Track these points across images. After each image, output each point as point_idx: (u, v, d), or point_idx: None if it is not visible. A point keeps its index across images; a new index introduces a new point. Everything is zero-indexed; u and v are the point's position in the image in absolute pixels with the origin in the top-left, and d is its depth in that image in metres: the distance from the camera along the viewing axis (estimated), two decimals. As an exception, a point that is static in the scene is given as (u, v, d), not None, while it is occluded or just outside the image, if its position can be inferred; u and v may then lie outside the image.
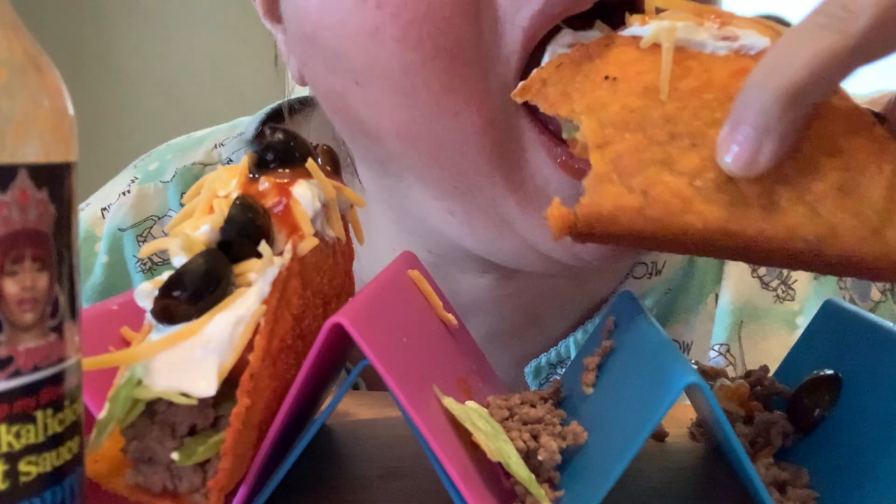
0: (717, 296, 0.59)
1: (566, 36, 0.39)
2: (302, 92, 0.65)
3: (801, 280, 0.60)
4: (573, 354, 0.57)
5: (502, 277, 0.53)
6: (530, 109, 0.42)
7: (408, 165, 0.46)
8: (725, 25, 0.34)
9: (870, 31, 0.28)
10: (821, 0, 0.29)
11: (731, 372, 0.57)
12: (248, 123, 0.66)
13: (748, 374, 0.43)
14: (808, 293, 0.59)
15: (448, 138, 0.42)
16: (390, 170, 0.48)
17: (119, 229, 0.62)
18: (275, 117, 0.65)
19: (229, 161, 0.63)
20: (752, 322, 0.58)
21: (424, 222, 0.49)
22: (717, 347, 0.58)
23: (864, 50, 0.29)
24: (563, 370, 0.56)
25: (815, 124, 0.31)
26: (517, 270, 0.51)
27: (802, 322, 0.58)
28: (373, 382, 0.59)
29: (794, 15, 0.33)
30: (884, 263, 0.30)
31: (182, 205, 0.61)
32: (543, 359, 0.57)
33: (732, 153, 0.30)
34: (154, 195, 0.63)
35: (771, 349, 0.58)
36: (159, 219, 0.62)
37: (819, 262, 0.31)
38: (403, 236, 0.53)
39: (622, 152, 0.32)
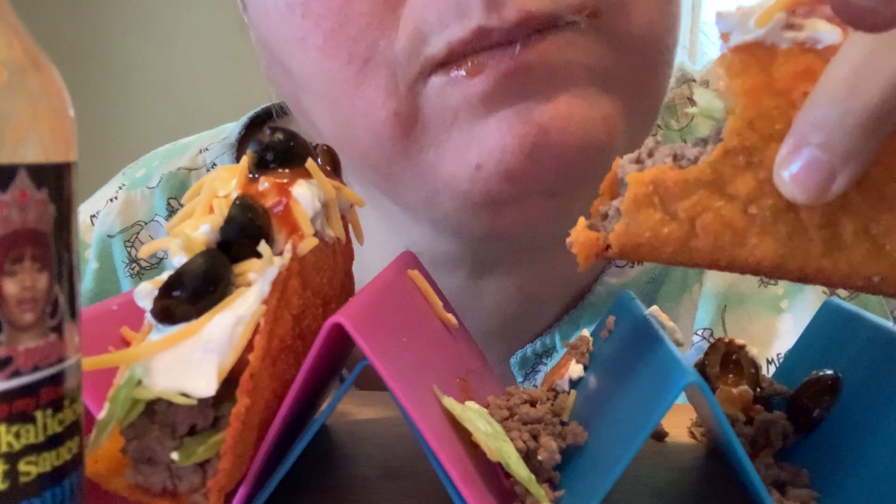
0: (701, 284, 0.59)
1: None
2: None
3: None
4: (558, 345, 0.57)
5: (473, 275, 0.54)
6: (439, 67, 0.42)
7: (350, 168, 0.47)
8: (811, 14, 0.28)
9: None
10: None
11: None
12: (232, 129, 0.67)
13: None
14: None
15: (364, 139, 0.44)
16: (353, 174, 0.51)
17: (108, 236, 0.63)
18: (257, 122, 0.67)
19: (213, 165, 0.64)
20: (735, 306, 0.58)
21: (393, 217, 0.52)
22: (700, 332, 0.58)
23: None
24: (549, 360, 0.57)
25: (888, 142, 0.27)
26: (486, 268, 0.53)
27: (787, 306, 0.58)
28: (365, 383, 0.59)
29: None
30: None
31: (168, 209, 0.64)
32: (529, 349, 0.58)
33: (796, 177, 0.26)
34: (141, 201, 0.64)
35: (755, 333, 0.58)
36: (146, 224, 0.64)
37: (873, 293, 0.29)
38: (389, 235, 0.55)
39: (666, 171, 0.28)
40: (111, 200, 0.65)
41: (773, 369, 0.54)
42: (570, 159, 0.42)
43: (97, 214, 0.64)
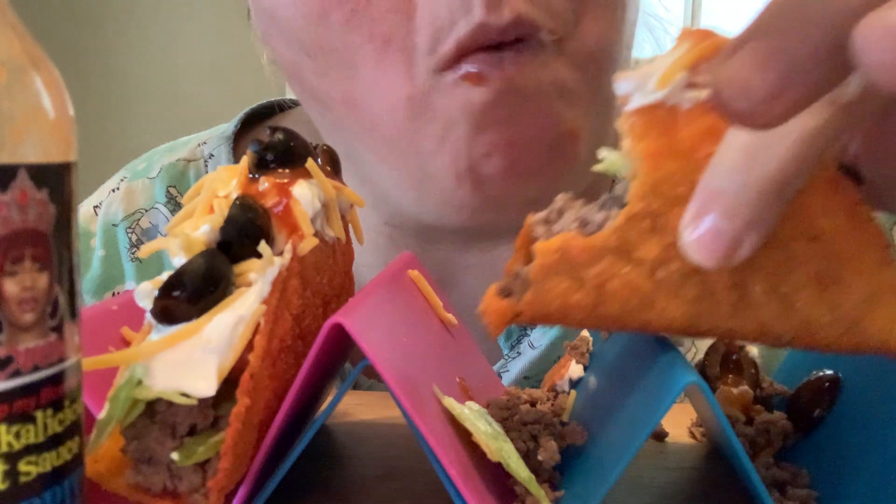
0: None
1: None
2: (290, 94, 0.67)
3: None
4: None
5: (457, 249, 0.57)
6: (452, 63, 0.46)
7: (354, 130, 0.51)
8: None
9: (865, 93, 0.24)
10: None
11: None
12: (229, 124, 0.69)
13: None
14: None
15: (379, 107, 0.49)
16: (341, 136, 0.53)
17: (112, 224, 0.66)
18: (255, 118, 0.69)
19: (211, 156, 0.67)
20: None
21: (378, 187, 0.54)
22: None
23: (861, 115, 0.25)
24: (533, 331, 0.59)
25: (794, 200, 0.27)
26: (470, 242, 0.57)
27: None
28: (378, 377, 0.60)
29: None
30: (858, 352, 0.29)
31: (167, 196, 0.66)
32: None
33: (700, 244, 0.26)
34: (142, 191, 0.67)
35: None
36: (146, 211, 0.66)
37: (786, 347, 0.29)
38: (372, 202, 0.57)
39: (572, 238, 0.28)
40: (113, 191, 0.67)
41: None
42: (544, 167, 0.49)
43: (100, 205, 0.67)
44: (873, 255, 0.28)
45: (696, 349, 0.58)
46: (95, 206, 0.67)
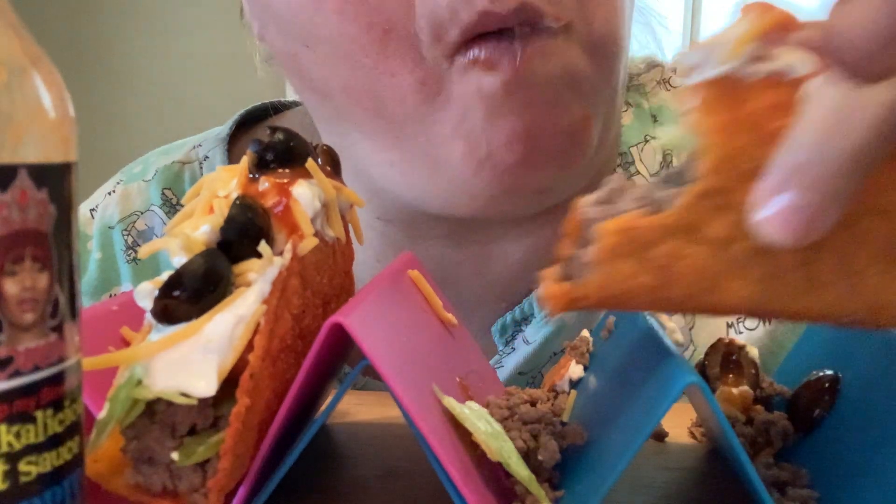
0: None
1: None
2: (290, 95, 0.67)
3: None
4: (536, 311, 0.58)
5: (451, 244, 0.57)
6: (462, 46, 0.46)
7: (353, 120, 0.51)
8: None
9: None
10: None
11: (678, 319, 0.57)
12: (223, 127, 0.69)
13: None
14: None
15: (386, 95, 0.48)
16: (339, 126, 0.53)
17: (108, 227, 0.66)
18: (251, 119, 0.69)
19: (206, 158, 0.67)
20: None
21: (371, 180, 0.54)
22: None
23: None
24: (527, 327, 0.58)
25: None
26: (464, 236, 0.57)
27: None
28: (377, 377, 0.60)
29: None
30: None
31: (163, 198, 0.66)
32: (508, 317, 0.59)
33: (777, 221, 0.25)
34: (137, 193, 0.67)
35: None
36: (142, 213, 0.66)
37: (850, 327, 0.28)
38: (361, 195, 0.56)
39: (637, 218, 0.27)
40: (109, 194, 0.67)
41: (732, 332, 0.55)
42: (559, 155, 0.49)
43: (96, 208, 0.67)
44: None
45: (696, 348, 0.58)
46: (92, 209, 0.67)
